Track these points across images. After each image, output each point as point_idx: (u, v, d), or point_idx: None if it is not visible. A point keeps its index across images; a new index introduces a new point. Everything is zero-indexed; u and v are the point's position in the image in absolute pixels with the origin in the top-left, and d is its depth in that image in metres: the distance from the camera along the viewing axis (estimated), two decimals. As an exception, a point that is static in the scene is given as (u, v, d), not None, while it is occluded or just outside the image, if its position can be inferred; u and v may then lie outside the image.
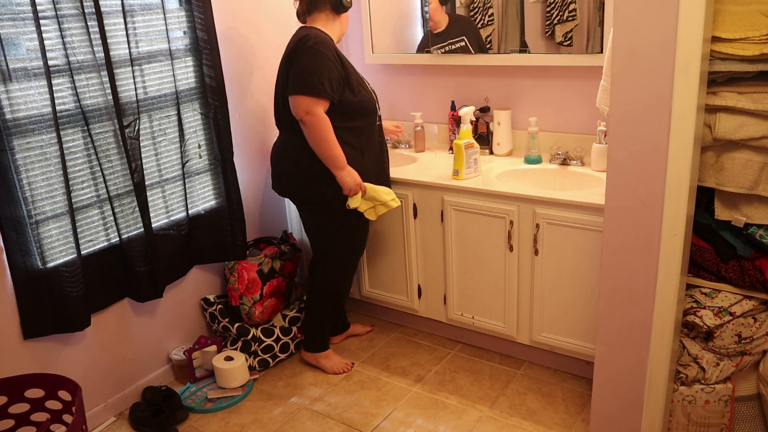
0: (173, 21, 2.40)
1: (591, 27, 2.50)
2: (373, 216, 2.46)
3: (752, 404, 1.95)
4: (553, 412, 2.36)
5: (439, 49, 2.88)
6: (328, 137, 2.27)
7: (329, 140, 2.27)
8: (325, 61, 2.23)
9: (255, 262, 2.68)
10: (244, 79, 2.79)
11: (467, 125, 2.54)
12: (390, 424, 2.35)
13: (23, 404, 2.00)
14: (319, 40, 2.26)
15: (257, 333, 2.68)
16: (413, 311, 2.85)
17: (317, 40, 2.25)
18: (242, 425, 2.39)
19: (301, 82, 2.23)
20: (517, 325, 2.54)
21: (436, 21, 2.88)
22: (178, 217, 2.55)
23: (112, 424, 2.44)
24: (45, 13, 2.01)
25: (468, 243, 2.54)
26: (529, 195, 2.33)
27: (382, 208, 2.45)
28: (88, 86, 2.16)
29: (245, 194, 2.80)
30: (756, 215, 1.73)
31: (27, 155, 2.04)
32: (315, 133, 2.26)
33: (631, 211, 1.71)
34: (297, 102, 2.24)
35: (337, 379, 2.64)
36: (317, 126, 2.24)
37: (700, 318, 1.84)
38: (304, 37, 2.27)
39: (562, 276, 2.35)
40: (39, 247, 2.11)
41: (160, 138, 2.45)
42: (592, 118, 2.56)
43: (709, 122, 1.68)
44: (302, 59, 2.24)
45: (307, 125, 2.25)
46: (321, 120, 2.24)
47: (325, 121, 2.25)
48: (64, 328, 2.19)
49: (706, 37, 1.54)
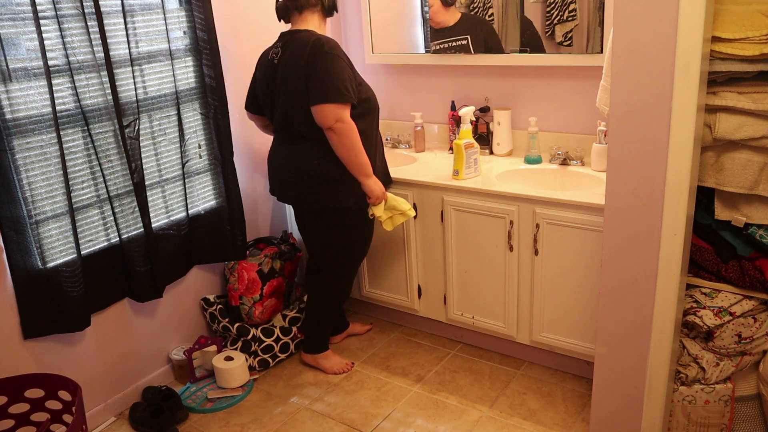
0: (173, 21, 2.40)
1: (591, 27, 2.50)
2: (390, 226, 2.44)
3: (752, 404, 1.95)
4: (553, 412, 2.36)
5: (439, 44, 2.87)
6: (357, 143, 2.22)
7: (359, 147, 2.23)
8: (343, 66, 2.19)
9: (255, 262, 2.68)
10: (244, 79, 2.78)
11: (467, 125, 2.54)
12: (390, 424, 2.35)
13: (23, 404, 2.00)
14: (332, 44, 2.22)
15: (257, 333, 2.68)
16: (413, 311, 2.85)
17: (330, 44, 2.21)
18: (242, 425, 2.39)
19: (327, 90, 2.16)
20: (517, 325, 2.54)
21: (438, 21, 2.87)
22: (178, 217, 2.55)
23: (112, 424, 2.44)
24: (45, 13, 2.01)
25: (468, 243, 2.54)
26: (529, 195, 2.33)
27: (400, 217, 2.44)
28: (88, 86, 2.16)
29: (245, 194, 2.80)
30: (756, 215, 1.73)
31: (27, 155, 2.04)
32: (346, 140, 2.20)
33: (631, 211, 1.71)
34: (325, 111, 2.17)
35: (337, 379, 2.64)
36: (348, 133, 2.20)
37: (700, 318, 1.84)
38: (316, 43, 2.19)
39: (562, 276, 2.35)
40: (39, 247, 2.11)
41: (160, 138, 2.45)
42: (592, 118, 2.56)
43: (709, 122, 1.68)
44: (322, 66, 2.17)
45: (338, 133, 2.19)
46: (351, 126, 2.20)
47: (354, 128, 2.21)
48: (64, 328, 2.19)
49: (706, 37, 1.54)
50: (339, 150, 2.23)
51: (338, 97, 2.16)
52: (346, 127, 2.19)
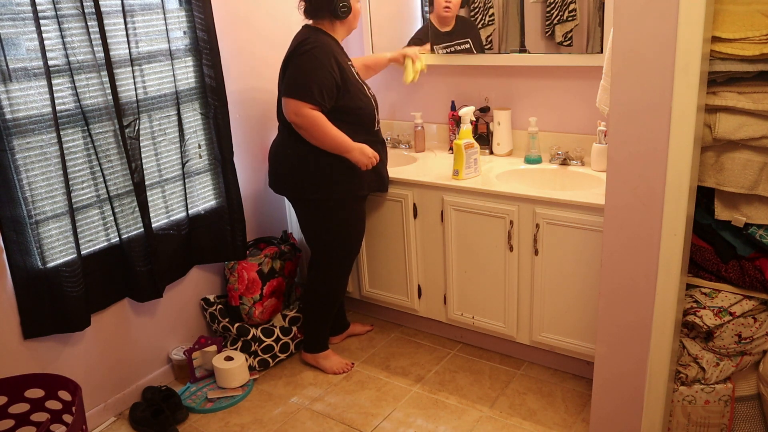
0: (173, 21, 2.40)
1: (591, 27, 2.50)
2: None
3: (752, 404, 1.95)
4: (553, 412, 2.36)
5: (444, 49, 2.88)
6: (323, 129, 2.28)
7: (326, 131, 2.29)
8: (318, 68, 2.24)
9: (255, 262, 2.68)
10: (244, 79, 2.79)
11: (467, 125, 2.54)
12: (390, 424, 2.35)
13: (23, 404, 2.00)
14: (318, 45, 2.26)
15: (257, 333, 2.68)
16: (413, 311, 2.85)
17: (316, 44, 2.26)
18: (242, 425, 2.39)
19: (293, 86, 2.26)
20: (517, 325, 2.54)
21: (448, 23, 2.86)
22: (178, 217, 2.55)
23: (112, 424, 2.44)
24: (45, 13, 2.01)
25: (468, 243, 2.54)
26: (529, 195, 2.33)
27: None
28: (88, 86, 2.16)
29: (245, 194, 2.80)
30: (756, 215, 1.73)
31: (27, 155, 2.04)
32: (310, 130, 2.29)
33: (631, 211, 1.71)
34: (286, 104, 2.29)
35: (337, 379, 2.64)
36: (308, 124, 2.27)
37: (700, 318, 1.84)
38: (303, 41, 2.28)
39: (562, 276, 2.35)
40: (39, 247, 2.11)
41: (160, 138, 2.45)
42: (592, 118, 2.56)
43: (709, 122, 1.68)
44: (297, 62, 2.27)
45: (300, 126, 2.29)
46: (310, 118, 2.26)
47: (315, 117, 2.26)
48: (64, 328, 2.19)
49: (706, 37, 1.54)
50: (311, 140, 2.32)
51: (300, 94, 2.24)
52: (305, 120, 2.27)
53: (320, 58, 2.25)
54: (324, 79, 2.24)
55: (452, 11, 2.82)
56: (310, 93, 2.23)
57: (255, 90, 2.85)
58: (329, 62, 2.26)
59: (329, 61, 2.26)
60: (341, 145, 2.32)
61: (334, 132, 2.30)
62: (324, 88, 2.25)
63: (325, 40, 2.31)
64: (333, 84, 2.26)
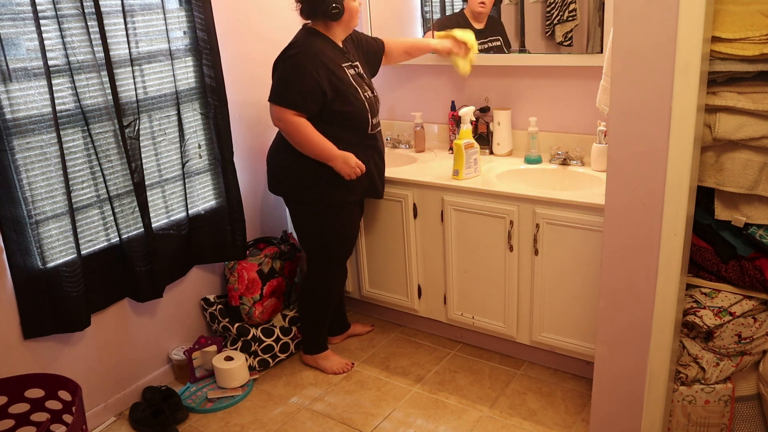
0: (173, 21, 2.40)
1: (591, 27, 2.50)
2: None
3: (752, 404, 1.95)
4: (553, 412, 2.36)
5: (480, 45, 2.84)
6: (306, 136, 2.30)
7: (309, 138, 2.30)
8: (301, 73, 2.25)
9: (255, 262, 2.68)
10: (244, 79, 2.78)
11: (467, 125, 2.54)
12: (390, 424, 2.35)
13: (23, 404, 2.00)
14: (304, 50, 2.27)
15: (257, 333, 2.68)
16: (413, 311, 2.85)
17: (301, 49, 2.28)
18: (242, 425, 2.40)
19: (275, 91, 2.30)
20: (517, 325, 2.54)
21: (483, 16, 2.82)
22: (178, 217, 2.55)
23: (112, 424, 2.44)
24: (45, 13, 2.01)
25: (468, 243, 2.54)
26: (529, 195, 2.33)
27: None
28: (88, 86, 2.16)
29: (245, 194, 2.80)
30: (756, 215, 1.73)
31: (27, 155, 2.04)
32: (293, 136, 2.32)
33: (631, 211, 1.71)
34: (271, 110, 2.34)
35: (337, 379, 2.64)
36: (290, 130, 2.30)
37: (700, 318, 1.84)
38: (289, 46, 2.32)
39: (562, 276, 2.35)
40: (39, 247, 2.11)
41: (160, 138, 2.45)
42: (592, 118, 2.56)
43: (709, 122, 1.68)
44: (281, 68, 2.31)
45: (283, 131, 2.35)
46: (292, 124, 2.28)
47: (297, 124, 2.28)
48: (64, 328, 2.19)
49: (706, 37, 1.54)
50: (294, 145, 2.34)
51: (281, 100, 2.28)
52: (287, 126, 2.30)
53: (303, 63, 2.25)
54: (307, 85, 2.24)
55: (487, 7, 2.80)
56: (291, 99, 2.25)
57: (255, 90, 2.84)
58: (313, 67, 2.25)
59: (313, 66, 2.25)
60: (324, 153, 2.32)
61: (317, 139, 2.30)
62: (307, 94, 2.25)
63: (314, 43, 2.29)
64: (317, 89, 2.25)
